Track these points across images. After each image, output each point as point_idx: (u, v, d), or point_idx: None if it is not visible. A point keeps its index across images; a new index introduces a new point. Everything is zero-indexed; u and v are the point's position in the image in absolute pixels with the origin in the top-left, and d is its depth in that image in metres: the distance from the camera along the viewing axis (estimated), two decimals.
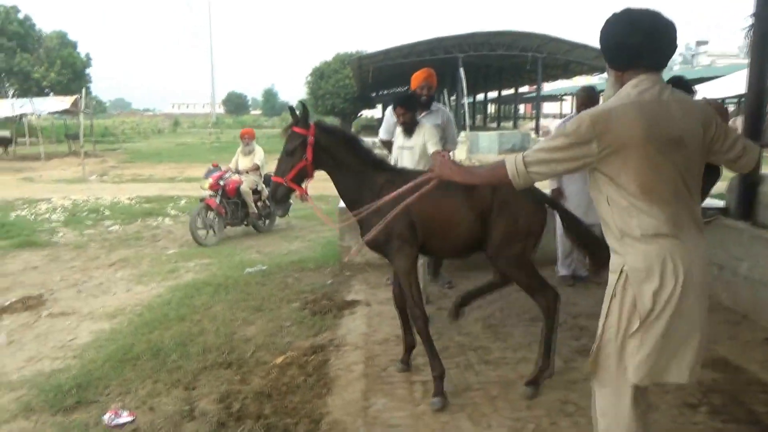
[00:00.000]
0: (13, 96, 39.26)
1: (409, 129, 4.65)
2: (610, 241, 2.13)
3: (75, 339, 4.81)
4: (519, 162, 2.11)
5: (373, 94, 54.43)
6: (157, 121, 71.19)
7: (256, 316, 4.90)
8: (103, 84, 52.97)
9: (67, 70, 45.88)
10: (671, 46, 2.05)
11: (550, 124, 31.27)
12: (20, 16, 46.09)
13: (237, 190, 8.95)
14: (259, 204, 9.33)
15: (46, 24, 45.99)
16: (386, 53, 23.05)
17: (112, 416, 3.41)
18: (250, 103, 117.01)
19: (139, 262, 7.35)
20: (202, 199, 8.96)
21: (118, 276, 6.79)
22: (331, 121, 61.79)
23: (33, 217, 10.86)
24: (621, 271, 2.04)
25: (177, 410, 3.44)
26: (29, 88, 42.59)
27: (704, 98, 2.88)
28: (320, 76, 50.43)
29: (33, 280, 6.62)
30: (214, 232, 8.68)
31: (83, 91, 26.41)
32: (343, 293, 5.40)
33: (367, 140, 4.38)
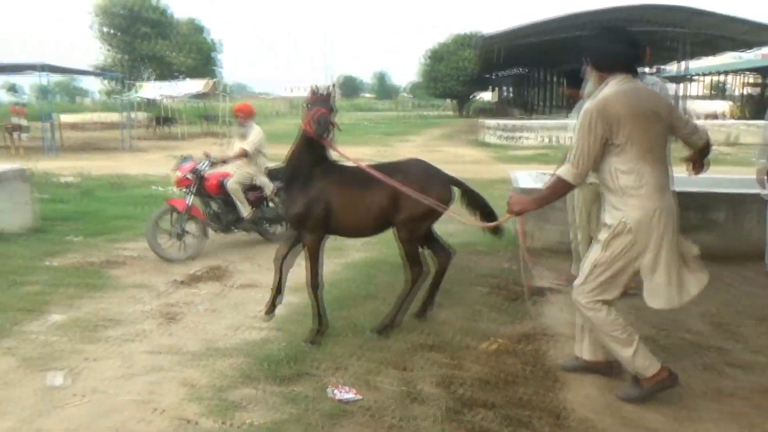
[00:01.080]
0: (148, 79, 42.36)
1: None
2: (612, 200, 2.89)
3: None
4: (568, 168, 2.89)
5: (493, 75, 53.16)
6: (275, 103, 74.16)
7: (443, 298, 4.75)
8: (226, 68, 56.32)
9: (198, 55, 48.71)
10: (643, 57, 3.01)
11: (697, 107, 28.87)
12: (157, 3, 49.52)
13: (221, 186, 6.81)
14: (265, 204, 7.12)
15: (180, 11, 49.82)
16: (515, 32, 22.22)
17: (336, 391, 3.38)
18: (362, 86, 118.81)
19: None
20: (166, 199, 7.31)
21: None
22: (448, 103, 61.46)
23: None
24: (620, 221, 2.82)
25: (399, 391, 3.35)
26: (165, 72, 45.70)
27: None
28: (436, 58, 50.01)
29: (211, 252, 6.90)
30: (185, 241, 6.54)
31: (218, 74, 27.93)
32: (528, 279, 5.13)
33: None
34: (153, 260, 6.44)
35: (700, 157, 3.10)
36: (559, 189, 2.99)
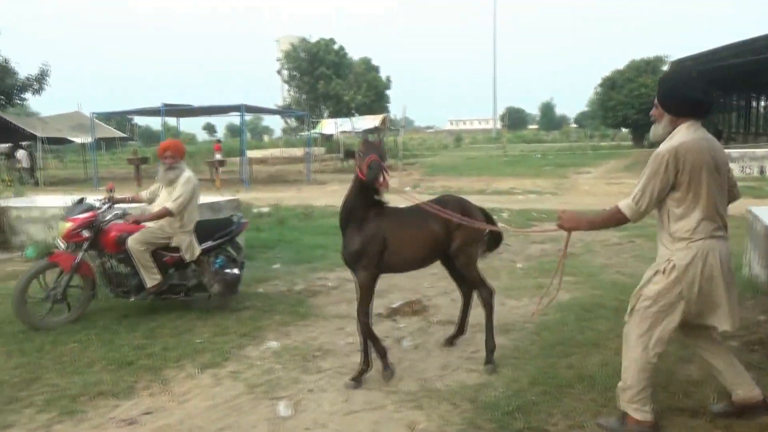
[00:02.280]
0: (326, 117, 45.33)
1: None
2: (663, 239, 3.06)
3: (477, 351, 4.61)
4: (629, 203, 3.00)
5: None
6: (441, 136, 75.42)
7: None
8: (394, 104, 58.43)
9: (371, 92, 51.22)
10: (713, 105, 3.35)
11: None
12: (336, 47, 53.19)
13: (121, 243, 5.40)
14: (187, 268, 5.70)
15: (355, 52, 52.92)
16: (713, 53, 20.13)
17: None
18: (528, 118, 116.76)
19: (496, 275, 7.14)
20: (48, 254, 6.25)
21: (479, 312, 6.61)
22: (622, 133, 57.85)
23: None
24: (668, 261, 2.98)
25: None
26: (340, 110, 48.61)
27: None
28: (611, 86, 47.40)
29: (405, 284, 6.83)
30: (68, 303, 5.40)
31: (388, 110, 29.02)
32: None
33: None
34: (351, 291, 6.51)
35: None
36: (614, 220, 3.12)
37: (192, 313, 5.65)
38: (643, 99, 44.24)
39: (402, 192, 4.33)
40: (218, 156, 23.16)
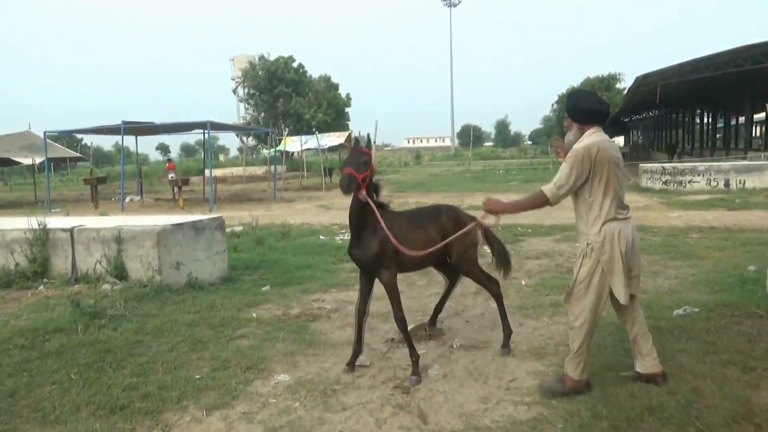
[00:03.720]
0: (286, 134, 44.71)
1: None
2: (581, 226, 3.72)
3: (515, 379, 4.19)
4: (551, 187, 3.62)
5: (626, 119, 50.60)
6: (400, 154, 75.49)
7: (753, 377, 3.78)
8: (353, 120, 57.94)
9: (331, 110, 50.88)
10: (608, 113, 3.77)
11: None
12: (295, 65, 52.67)
13: None
14: None
15: (314, 69, 52.39)
16: (679, 68, 20.49)
17: None
18: (483, 135, 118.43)
19: (504, 293, 6.74)
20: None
21: (493, 307, 6.22)
22: None
23: None
24: (588, 244, 3.63)
25: None
26: (301, 128, 48.03)
27: None
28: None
29: (409, 304, 6.36)
30: None
31: (348, 128, 28.70)
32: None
33: None
34: (351, 314, 6.02)
35: None
36: (538, 202, 3.70)
37: (183, 345, 5.05)
38: None
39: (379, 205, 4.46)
40: (171, 175, 22.24)
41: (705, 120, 40.57)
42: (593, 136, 3.62)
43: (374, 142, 32.08)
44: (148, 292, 6.44)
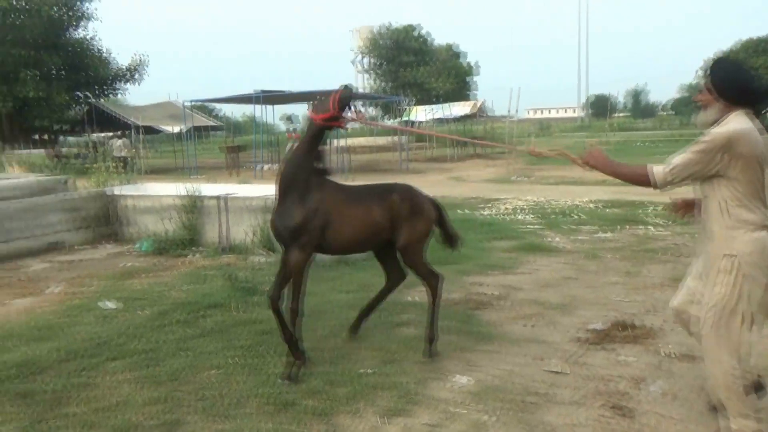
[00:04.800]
0: (408, 104, 44.15)
1: None
2: (717, 230, 2.82)
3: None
4: (661, 169, 2.82)
5: None
6: (525, 125, 72.41)
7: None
8: (481, 91, 56.03)
9: (456, 79, 49.47)
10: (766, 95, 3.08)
11: None
12: (418, 33, 51.66)
13: None
14: None
15: (439, 37, 51.28)
16: None
17: None
18: (616, 105, 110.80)
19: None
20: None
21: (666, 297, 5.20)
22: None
23: (501, 217, 10.41)
24: (733, 255, 2.75)
25: None
26: (425, 98, 47.19)
27: None
28: None
29: (587, 295, 5.51)
30: None
31: (474, 98, 27.46)
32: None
33: None
34: (521, 303, 5.29)
35: None
36: (638, 179, 2.95)
37: (343, 330, 4.56)
38: (759, 82, 40.43)
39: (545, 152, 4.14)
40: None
41: None
42: (740, 121, 2.79)
43: (516, 111, 30.36)
44: None
